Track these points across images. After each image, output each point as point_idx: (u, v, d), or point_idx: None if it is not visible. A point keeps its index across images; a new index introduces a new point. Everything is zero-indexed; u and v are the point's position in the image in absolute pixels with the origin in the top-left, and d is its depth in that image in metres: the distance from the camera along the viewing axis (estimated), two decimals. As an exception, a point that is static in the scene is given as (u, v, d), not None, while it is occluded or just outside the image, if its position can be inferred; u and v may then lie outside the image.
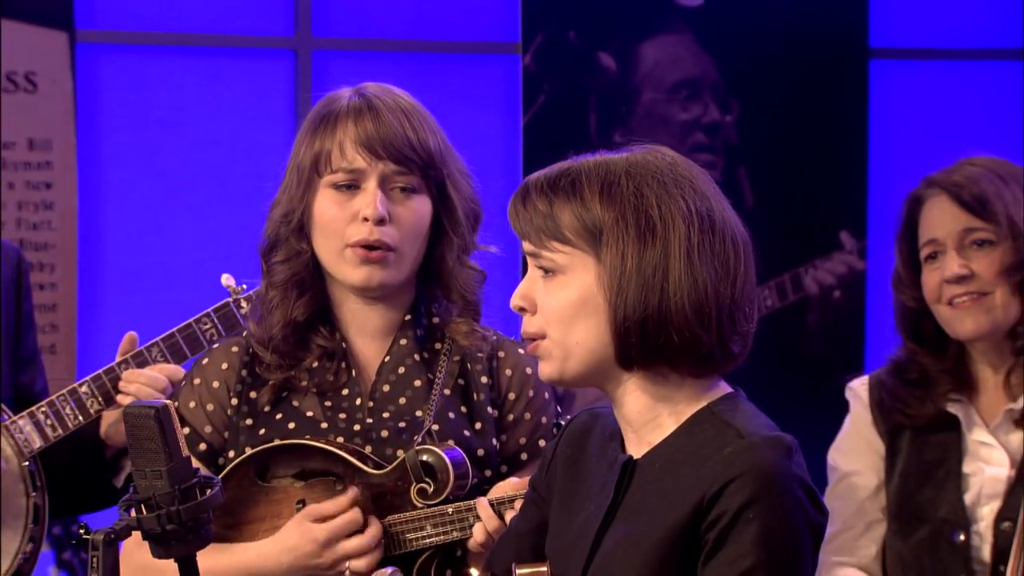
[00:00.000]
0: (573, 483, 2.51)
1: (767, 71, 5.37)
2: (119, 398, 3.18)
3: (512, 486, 2.83)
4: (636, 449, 2.41)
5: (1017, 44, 5.52)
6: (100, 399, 3.19)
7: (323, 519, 2.86)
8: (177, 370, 3.18)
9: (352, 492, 2.89)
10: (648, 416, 2.40)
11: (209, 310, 3.14)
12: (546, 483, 2.56)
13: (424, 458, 2.83)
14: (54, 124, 4.83)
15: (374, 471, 2.88)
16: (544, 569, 2.46)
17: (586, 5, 5.25)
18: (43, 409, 3.20)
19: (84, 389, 3.20)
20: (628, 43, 5.29)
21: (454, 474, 2.83)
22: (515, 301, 2.41)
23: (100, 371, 3.20)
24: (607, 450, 2.47)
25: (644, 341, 2.33)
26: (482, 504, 2.81)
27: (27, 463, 3.21)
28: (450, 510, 2.83)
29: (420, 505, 2.85)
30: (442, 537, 2.84)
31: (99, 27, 4.98)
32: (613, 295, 2.34)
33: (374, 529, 2.87)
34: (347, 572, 2.86)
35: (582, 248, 2.35)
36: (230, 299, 3.17)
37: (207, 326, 3.15)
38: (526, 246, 2.40)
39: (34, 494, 3.21)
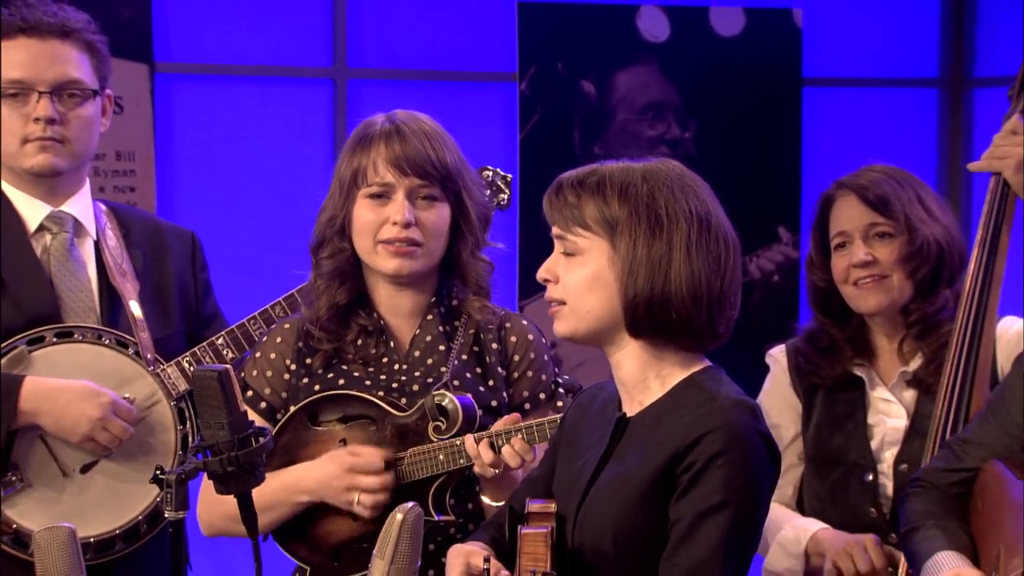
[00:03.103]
0: (576, 437, 2.68)
1: (719, 96, 5.56)
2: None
3: (504, 422, 2.99)
4: (630, 408, 2.57)
5: (932, 74, 5.85)
6: (234, 348, 3.33)
7: (354, 455, 3.01)
8: None
9: (387, 452, 3.02)
10: (639, 378, 2.54)
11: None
12: (558, 439, 2.74)
13: (439, 402, 3.00)
14: (137, 140, 5.01)
15: (400, 414, 3.05)
16: (551, 504, 2.62)
17: (571, 42, 5.42)
18: (187, 358, 3.32)
19: (220, 341, 3.33)
20: (605, 73, 5.47)
21: (463, 414, 2.99)
22: (541, 274, 2.56)
23: (233, 326, 3.34)
24: (607, 411, 2.63)
25: (650, 315, 2.46)
26: (469, 441, 2.99)
27: (175, 402, 3.33)
28: (459, 443, 3.00)
29: (435, 440, 3.02)
30: (452, 464, 3.01)
31: (173, 60, 5.13)
32: (625, 276, 2.46)
33: (387, 477, 3.00)
34: (356, 501, 2.99)
35: (600, 235, 2.49)
36: None
37: None
38: (555, 230, 2.55)
39: (181, 427, 3.33)
